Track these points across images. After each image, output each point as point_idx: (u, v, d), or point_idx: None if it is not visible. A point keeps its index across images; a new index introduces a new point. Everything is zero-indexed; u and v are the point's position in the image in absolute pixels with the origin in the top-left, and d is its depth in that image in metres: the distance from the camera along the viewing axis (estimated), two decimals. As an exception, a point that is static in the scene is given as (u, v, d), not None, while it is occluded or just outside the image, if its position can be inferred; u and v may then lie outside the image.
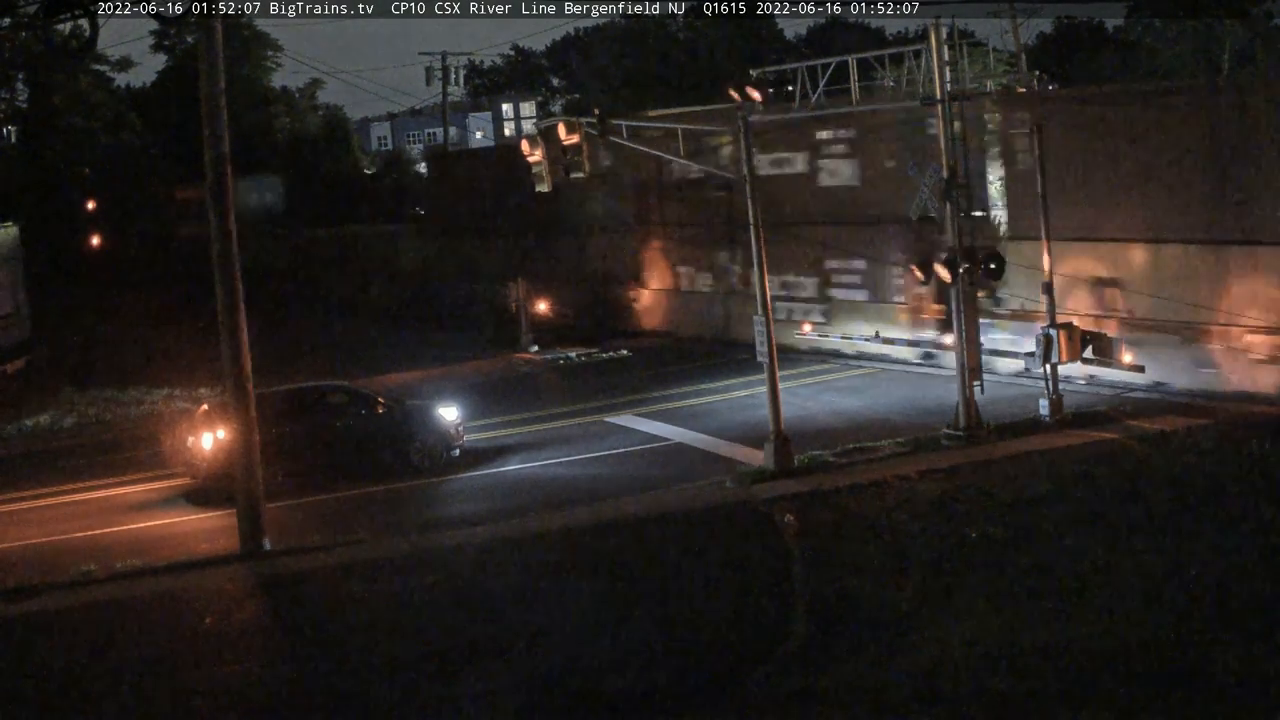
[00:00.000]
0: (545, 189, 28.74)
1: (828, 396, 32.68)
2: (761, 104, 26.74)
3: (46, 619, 20.62)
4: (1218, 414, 26.82)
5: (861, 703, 15.41)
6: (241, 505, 23.39)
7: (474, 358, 42.31)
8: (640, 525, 22.97)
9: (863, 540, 21.28)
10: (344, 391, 29.58)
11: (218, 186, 23.00)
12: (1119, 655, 15.82)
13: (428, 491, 27.00)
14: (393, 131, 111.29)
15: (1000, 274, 27.41)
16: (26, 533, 25.97)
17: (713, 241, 42.04)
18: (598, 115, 27.46)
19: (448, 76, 73.42)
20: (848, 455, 26.20)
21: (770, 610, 18.90)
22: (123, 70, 79.74)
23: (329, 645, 18.91)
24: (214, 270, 23.23)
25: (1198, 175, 28.84)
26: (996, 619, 17.33)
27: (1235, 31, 56.83)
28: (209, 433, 26.93)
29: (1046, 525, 20.89)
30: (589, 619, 18.86)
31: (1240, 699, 14.59)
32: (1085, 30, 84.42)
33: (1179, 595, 17.53)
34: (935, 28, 26.82)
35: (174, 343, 44.52)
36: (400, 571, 21.44)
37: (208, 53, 22.98)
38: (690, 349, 41.00)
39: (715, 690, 16.36)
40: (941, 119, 26.89)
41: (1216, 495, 21.58)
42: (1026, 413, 27.79)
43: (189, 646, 19.21)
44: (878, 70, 38.77)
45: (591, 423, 31.82)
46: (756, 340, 26.23)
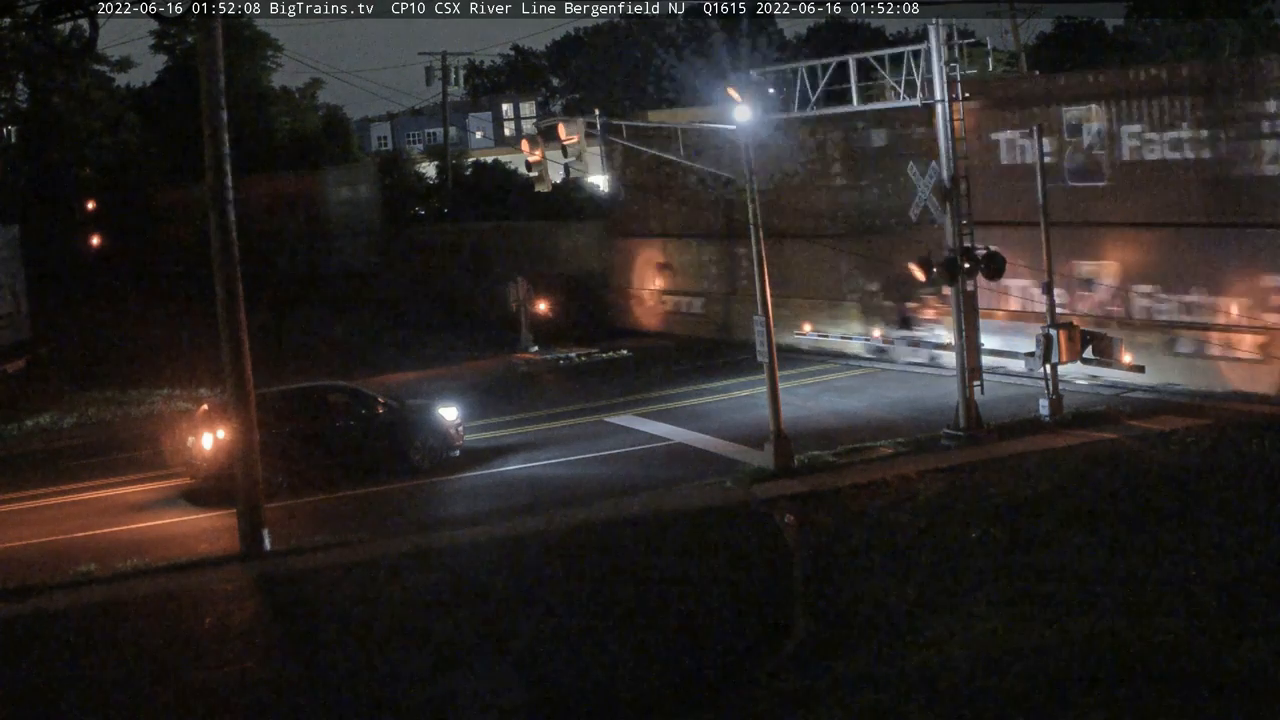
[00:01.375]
0: (545, 189, 28.74)
1: (828, 396, 32.69)
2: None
3: (46, 619, 20.62)
4: (1218, 414, 26.82)
5: (861, 703, 15.41)
6: (241, 505, 23.40)
7: (474, 358, 42.32)
8: (640, 525, 22.97)
9: (863, 540, 21.28)
10: (344, 391, 29.57)
11: (218, 186, 23.01)
12: (1119, 655, 15.82)
13: (428, 491, 27.00)
14: (393, 131, 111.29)
15: (1000, 273, 27.41)
16: (26, 533, 25.97)
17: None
18: (598, 115, 27.48)
19: (448, 76, 73.43)
20: (848, 455, 26.21)
21: (770, 610, 18.90)
22: (123, 70, 79.71)
23: (329, 645, 18.92)
24: (214, 269, 23.25)
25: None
26: (996, 619, 17.32)
27: (1235, 31, 56.84)
28: (209, 433, 26.93)
29: (1046, 525, 20.90)
30: (589, 619, 18.86)
31: (1241, 699, 14.58)
32: (1085, 30, 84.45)
33: (1179, 595, 17.53)
34: (935, 28, 26.82)
35: (174, 343, 44.53)
36: (400, 571, 21.44)
37: (208, 52, 22.99)
38: (690, 349, 41.00)
39: (715, 690, 16.36)
40: (942, 119, 26.88)
41: (1217, 495, 21.60)
42: (1026, 413, 27.80)
43: (189, 647, 19.22)
44: (877, 70, 38.76)
45: (591, 423, 31.83)
46: (756, 340, 26.24)
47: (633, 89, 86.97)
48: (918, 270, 27.06)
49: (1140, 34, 65.37)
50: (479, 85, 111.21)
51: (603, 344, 42.52)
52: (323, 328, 50.33)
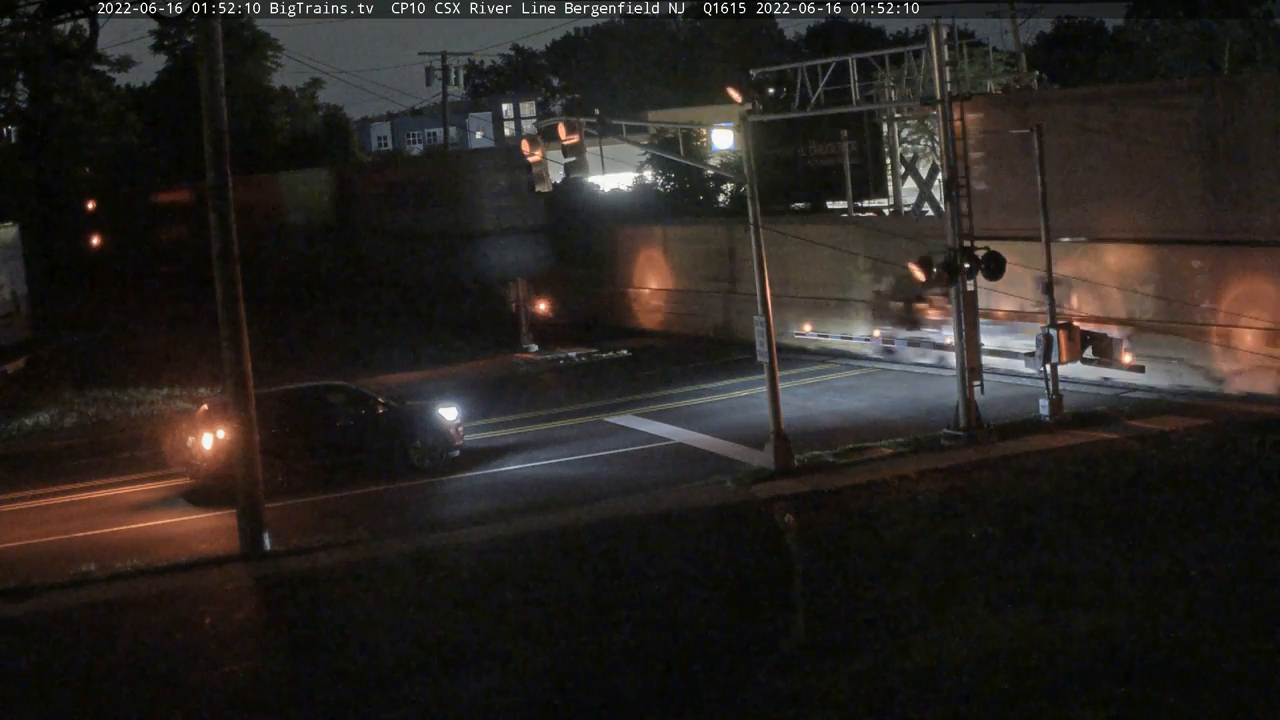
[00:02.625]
0: (545, 189, 28.72)
1: (828, 396, 32.69)
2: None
3: (46, 619, 20.62)
4: (1217, 414, 26.82)
5: (861, 703, 15.42)
6: (241, 505, 23.39)
7: (474, 358, 42.31)
8: (640, 525, 22.97)
9: (862, 540, 21.28)
10: (344, 391, 29.56)
11: (218, 186, 23.01)
12: (1119, 655, 15.83)
13: (428, 491, 26.99)
14: (393, 131, 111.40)
15: (1000, 273, 27.40)
16: (26, 533, 25.97)
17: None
18: (598, 115, 27.45)
19: (448, 76, 73.42)
20: (848, 455, 26.20)
21: (770, 610, 18.90)
22: (123, 70, 79.84)
23: (329, 645, 18.91)
24: (214, 269, 23.25)
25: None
26: (996, 619, 17.33)
27: (1235, 31, 56.88)
28: (209, 433, 26.92)
29: (1046, 525, 20.90)
30: (589, 619, 18.86)
31: (1241, 699, 14.59)
32: (1085, 30, 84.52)
33: (1179, 595, 17.54)
34: (935, 28, 26.82)
35: (174, 342, 44.54)
36: (400, 571, 21.43)
37: (208, 52, 22.98)
38: (690, 349, 41.00)
39: (715, 690, 16.36)
40: (942, 119, 26.89)
41: (1216, 495, 21.60)
42: (1026, 413, 27.79)
43: (189, 647, 19.21)
44: (877, 70, 38.83)
45: (591, 423, 31.82)
46: (756, 340, 26.23)
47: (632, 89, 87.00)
48: (918, 270, 27.05)
49: (1140, 34, 65.41)
50: (479, 85, 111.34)
51: (603, 344, 42.51)
52: (322, 328, 50.38)
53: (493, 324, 45.30)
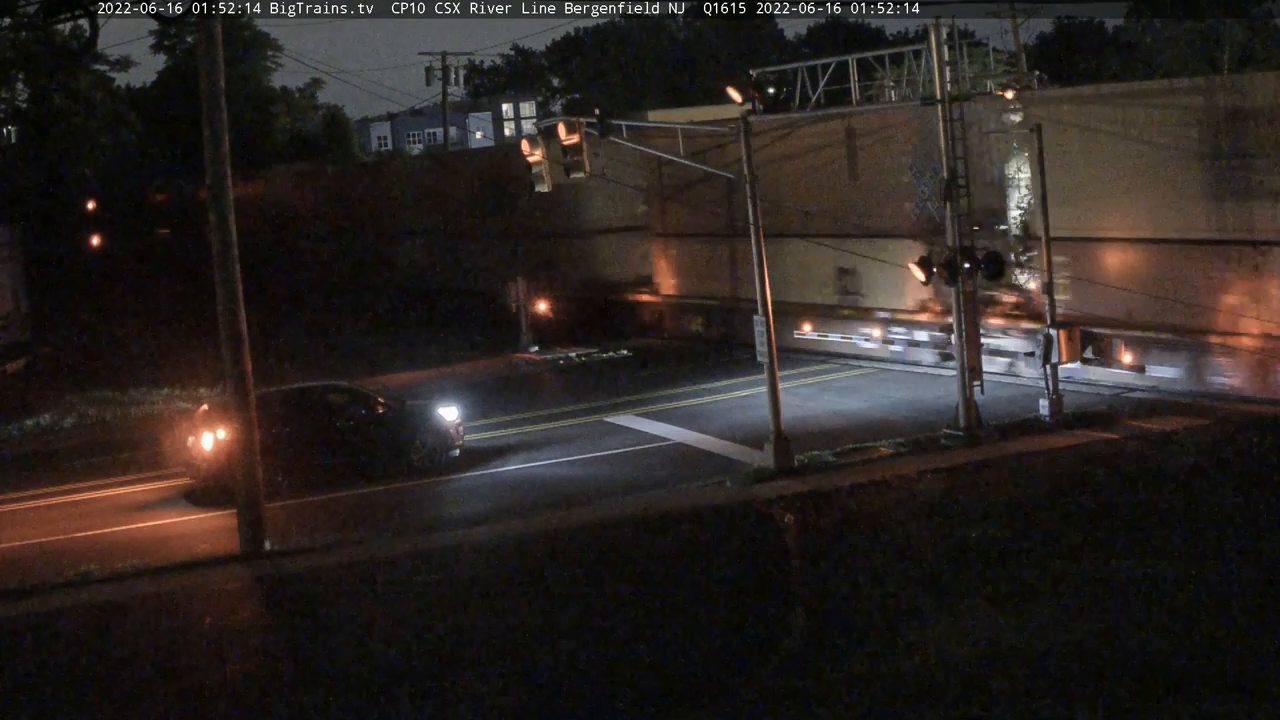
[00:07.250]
0: (545, 189, 28.72)
1: (828, 396, 32.68)
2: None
3: (46, 619, 20.62)
4: (1218, 414, 26.80)
5: (860, 703, 15.41)
6: (241, 505, 23.38)
7: (474, 358, 42.30)
8: (640, 525, 22.97)
9: (863, 540, 21.28)
10: (344, 391, 29.56)
11: (218, 186, 23.00)
12: (1119, 655, 15.82)
13: (428, 491, 26.99)
14: (393, 131, 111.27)
15: (1000, 274, 27.40)
16: (26, 533, 25.97)
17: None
18: (598, 115, 27.44)
19: (448, 76, 73.45)
20: (848, 455, 26.20)
21: (770, 609, 18.89)
22: (123, 70, 79.88)
23: (329, 646, 18.90)
24: (214, 269, 23.24)
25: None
26: (996, 619, 17.32)
27: (1235, 31, 56.88)
28: (209, 433, 26.92)
29: (1046, 525, 20.90)
30: (589, 618, 18.86)
31: (1242, 699, 14.58)
32: (1085, 30, 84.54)
33: (1179, 595, 17.53)
34: (935, 28, 26.80)
35: (174, 343, 44.50)
36: (400, 571, 21.44)
37: (208, 52, 22.99)
38: (690, 349, 40.98)
39: (714, 690, 16.36)
40: (942, 119, 26.87)
41: (1217, 495, 21.59)
42: (1026, 413, 27.79)
43: (189, 647, 19.21)
44: (877, 70, 38.78)
45: (592, 423, 31.81)
46: (756, 340, 26.22)
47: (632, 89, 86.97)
48: (918, 270, 27.05)
49: (1140, 34, 65.43)
50: (479, 85, 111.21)
51: (603, 344, 42.50)
52: (322, 328, 50.34)
53: (493, 324, 45.31)
